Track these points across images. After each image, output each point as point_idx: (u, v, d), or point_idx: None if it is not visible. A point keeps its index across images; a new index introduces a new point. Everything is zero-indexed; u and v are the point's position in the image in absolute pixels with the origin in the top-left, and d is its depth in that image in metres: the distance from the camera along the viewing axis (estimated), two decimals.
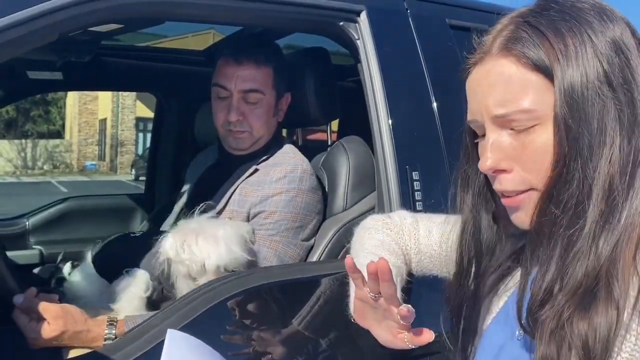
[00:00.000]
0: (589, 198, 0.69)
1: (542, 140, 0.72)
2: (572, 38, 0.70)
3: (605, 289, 0.67)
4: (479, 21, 1.71)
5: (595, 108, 0.69)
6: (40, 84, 2.41)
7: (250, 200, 1.55)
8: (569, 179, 0.69)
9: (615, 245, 0.68)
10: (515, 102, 0.72)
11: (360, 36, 1.50)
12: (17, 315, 1.24)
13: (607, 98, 0.69)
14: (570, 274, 0.69)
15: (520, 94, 0.72)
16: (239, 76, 1.61)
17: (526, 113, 0.72)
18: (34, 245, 2.70)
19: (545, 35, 0.71)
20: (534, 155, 0.73)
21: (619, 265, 0.67)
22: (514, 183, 0.76)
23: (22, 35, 1.05)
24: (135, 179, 20.38)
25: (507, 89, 0.73)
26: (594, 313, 0.67)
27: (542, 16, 0.73)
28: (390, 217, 1.16)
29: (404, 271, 1.07)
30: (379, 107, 1.47)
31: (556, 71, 0.70)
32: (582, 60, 0.70)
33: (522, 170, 0.75)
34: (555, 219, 0.71)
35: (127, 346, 1.06)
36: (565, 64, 0.70)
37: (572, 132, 0.69)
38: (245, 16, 1.50)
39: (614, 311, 0.66)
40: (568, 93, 0.69)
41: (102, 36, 1.78)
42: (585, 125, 0.69)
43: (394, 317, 0.85)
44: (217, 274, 1.35)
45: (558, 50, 0.70)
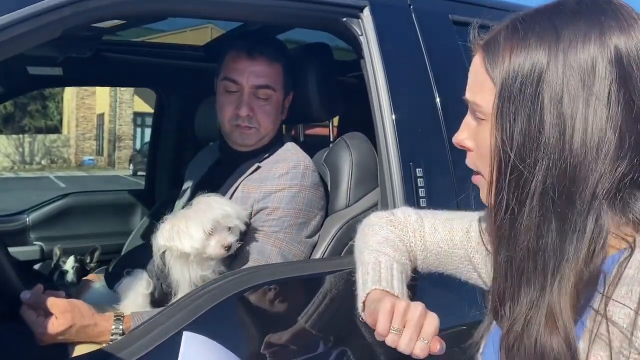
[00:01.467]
0: (523, 210, 0.72)
1: (485, 135, 0.77)
2: (530, 56, 0.71)
3: (550, 317, 0.70)
4: (482, 17, 1.72)
5: (521, 125, 0.71)
6: (40, 79, 2.40)
7: (253, 196, 1.54)
8: (503, 186, 0.74)
9: (554, 283, 0.70)
10: (473, 93, 0.79)
11: (364, 32, 1.49)
12: (24, 311, 1.24)
13: (534, 109, 0.70)
14: (514, 284, 0.74)
15: (477, 88, 0.78)
16: (251, 71, 1.60)
17: (478, 106, 0.78)
18: (34, 241, 2.70)
19: (508, 46, 0.73)
20: (482, 145, 0.79)
21: (559, 299, 0.69)
22: (470, 162, 0.85)
23: (27, 32, 1.05)
24: (133, 174, 20.35)
25: (473, 80, 0.80)
26: (548, 335, 0.70)
27: (522, 24, 0.74)
28: (394, 214, 1.15)
29: (408, 268, 1.07)
30: (382, 103, 1.47)
31: (496, 77, 0.74)
32: (512, 67, 0.72)
33: (475, 154, 0.83)
34: (500, 213, 0.75)
35: (132, 344, 1.06)
36: (502, 71, 0.73)
37: (504, 141, 0.72)
38: (247, 11, 1.50)
39: (562, 341, 0.69)
40: (499, 96, 0.73)
41: (104, 32, 1.78)
42: (515, 137, 0.71)
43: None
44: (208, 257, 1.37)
45: (505, 64, 0.73)
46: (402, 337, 0.84)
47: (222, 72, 1.65)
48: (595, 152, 0.67)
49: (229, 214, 1.41)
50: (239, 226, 1.43)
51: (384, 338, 0.86)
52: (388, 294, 0.97)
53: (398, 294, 0.97)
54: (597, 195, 0.68)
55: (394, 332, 0.85)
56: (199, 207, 1.42)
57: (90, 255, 2.14)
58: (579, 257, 0.68)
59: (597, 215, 0.68)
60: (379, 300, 0.93)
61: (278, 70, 1.64)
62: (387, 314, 0.85)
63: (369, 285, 0.99)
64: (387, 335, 0.85)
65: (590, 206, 0.68)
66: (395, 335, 0.85)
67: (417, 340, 0.84)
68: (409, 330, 0.84)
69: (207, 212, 1.39)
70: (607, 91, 0.67)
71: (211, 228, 1.37)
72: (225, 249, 1.38)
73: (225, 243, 1.38)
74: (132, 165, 21.64)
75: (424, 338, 0.84)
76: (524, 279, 0.73)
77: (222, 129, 1.70)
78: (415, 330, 0.84)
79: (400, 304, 0.86)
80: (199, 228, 1.36)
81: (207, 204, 1.43)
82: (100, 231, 2.83)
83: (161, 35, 2.82)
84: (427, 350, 0.84)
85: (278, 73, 1.64)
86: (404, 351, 0.84)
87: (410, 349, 0.84)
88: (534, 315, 0.71)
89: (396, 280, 1.00)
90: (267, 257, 1.46)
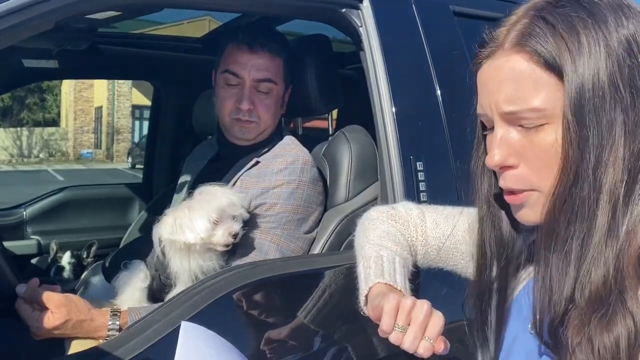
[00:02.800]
0: (597, 203, 0.68)
1: (551, 139, 0.71)
2: (587, 36, 0.68)
3: (619, 300, 0.67)
4: (483, 8, 1.70)
5: (605, 110, 0.67)
6: (36, 72, 2.38)
7: (251, 192, 1.53)
8: (580, 182, 0.68)
9: (619, 253, 0.67)
10: (525, 100, 0.71)
11: (363, 23, 1.47)
12: (19, 305, 1.23)
13: (616, 101, 0.67)
14: (586, 284, 0.68)
15: (531, 92, 0.71)
16: (253, 65, 1.58)
17: (536, 112, 0.71)
18: (31, 235, 2.69)
19: (559, 32, 0.69)
20: (542, 154, 0.72)
21: (625, 274, 0.67)
22: (518, 181, 0.75)
23: (17, 24, 1.03)
24: (131, 167, 20.34)
25: (518, 86, 0.72)
26: (613, 324, 0.66)
27: (556, 11, 0.71)
28: (395, 208, 1.14)
29: (410, 262, 1.06)
30: (382, 95, 1.45)
31: (567, 71, 0.69)
32: (594, 60, 0.68)
33: (528, 168, 0.74)
34: (566, 223, 0.70)
35: (129, 341, 1.05)
36: (576, 64, 0.68)
37: (581, 134, 0.68)
38: (245, 3, 1.48)
39: (630, 321, 0.65)
40: (578, 93, 0.68)
41: (99, 24, 1.75)
42: (594, 127, 0.67)
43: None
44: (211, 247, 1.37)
45: (571, 50, 0.68)
46: (406, 336, 0.82)
47: (222, 65, 1.63)
48: None
49: (234, 203, 1.40)
50: (242, 214, 1.42)
51: (388, 335, 0.85)
52: (391, 288, 0.95)
53: (401, 288, 0.96)
54: None
55: (398, 329, 0.83)
56: (203, 197, 1.41)
57: (87, 250, 2.13)
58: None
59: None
60: (382, 294, 0.92)
61: (279, 63, 1.62)
62: (392, 311, 0.84)
63: (372, 279, 0.97)
64: (391, 333, 0.84)
65: None
66: (399, 333, 0.83)
67: (422, 340, 0.82)
68: (413, 328, 0.82)
69: (212, 201, 1.39)
70: None
71: (217, 217, 1.36)
72: (233, 237, 1.38)
73: (232, 231, 1.38)
74: (131, 158, 21.62)
75: (428, 337, 0.82)
76: (595, 277, 0.68)
77: (221, 122, 1.67)
78: (419, 329, 0.82)
79: (406, 301, 0.84)
80: (204, 218, 1.36)
81: (212, 193, 1.42)
82: (98, 225, 2.82)
83: (158, 28, 2.80)
84: (431, 349, 0.82)
85: (279, 66, 1.62)
86: (407, 349, 0.83)
87: (414, 348, 0.82)
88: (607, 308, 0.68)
89: (399, 275, 0.98)
90: (265, 253, 1.45)
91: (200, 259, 1.40)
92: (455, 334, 1.40)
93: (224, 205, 1.38)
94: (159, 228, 1.41)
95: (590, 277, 0.68)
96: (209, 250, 1.41)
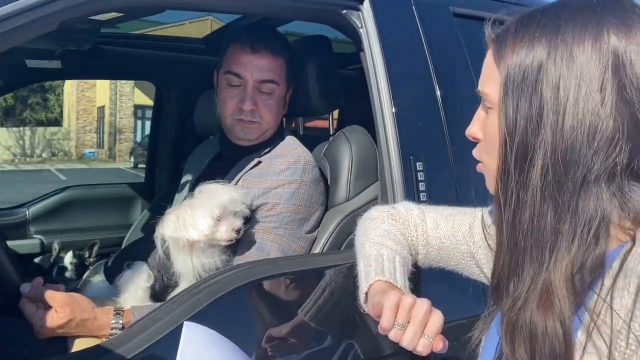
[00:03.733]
0: (526, 193, 0.75)
1: (493, 124, 0.80)
2: (532, 47, 0.75)
3: (545, 294, 0.72)
4: (483, 9, 1.70)
5: (524, 109, 0.75)
6: (38, 72, 2.39)
7: (253, 192, 1.53)
8: (509, 171, 0.76)
9: (551, 260, 0.73)
10: (483, 83, 0.83)
11: (364, 24, 1.48)
12: (23, 304, 1.24)
13: (534, 95, 0.74)
14: (517, 267, 0.76)
15: (486, 78, 0.83)
16: (255, 65, 1.59)
17: (486, 95, 0.82)
18: (34, 234, 2.70)
19: (512, 39, 0.78)
20: (490, 135, 0.82)
21: (554, 276, 0.72)
22: (477, 152, 0.89)
23: (22, 25, 1.04)
24: (134, 167, 20.35)
25: (484, 72, 0.84)
26: (542, 315, 0.72)
27: (529, 19, 0.78)
28: (395, 208, 1.15)
29: (409, 262, 1.07)
30: (382, 96, 1.46)
31: (502, 67, 0.78)
32: (525, 64, 0.75)
33: (484, 144, 0.86)
34: (503, 202, 0.78)
35: (131, 340, 1.06)
36: (507, 60, 0.77)
37: (508, 126, 0.76)
38: (247, 3, 1.49)
39: (557, 323, 0.70)
40: (504, 84, 0.77)
41: (102, 24, 1.76)
42: (519, 124, 0.75)
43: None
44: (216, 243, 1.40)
45: (509, 55, 0.77)
46: (406, 333, 0.84)
47: (225, 66, 1.63)
48: (587, 136, 0.71)
49: (235, 199, 1.41)
50: (244, 210, 1.43)
51: (388, 333, 0.86)
52: (391, 285, 0.96)
53: (401, 286, 0.97)
54: (588, 178, 0.71)
55: (398, 327, 0.84)
56: (204, 195, 1.43)
57: (89, 250, 2.14)
58: (574, 237, 0.72)
59: (591, 198, 0.71)
60: (382, 292, 0.93)
61: (281, 64, 1.63)
62: (393, 308, 0.85)
63: (372, 276, 0.98)
64: (391, 330, 0.85)
65: (581, 188, 0.71)
66: (398, 331, 0.84)
67: (421, 337, 0.83)
68: (413, 326, 0.84)
69: (214, 199, 1.40)
70: (600, 80, 0.71)
71: (219, 214, 1.37)
72: (236, 232, 1.40)
73: (235, 226, 1.39)
74: (133, 157, 21.62)
75: (427, 335, 0.83)
76: (526, 258, 0.75)
77: (223, 123, 1.68)
78: (419, 327, 0.83)
79: (407, 299, 0.85)
80: (207, 215, 1.37)
81: (212, 191, 1.43)
82: (100, 224, 2.83)
83: (160, 28, 2.81)
84: (430, 347, 0.84)
85: (281, 67, 1.63)
86: (406, 347, 0.84)
87: (413, 345, 0.83)
88: (532, 292, 0.74)
89: (399, 273, 1.00)
90: (266, 253, 1.46)
91: (203, 256, 1.41)
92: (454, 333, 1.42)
93: (226, 202, 1.39)
94: (162, 227, 1.42)
95: (520, 264, 0.76)
96: (211, 247, 1.42)
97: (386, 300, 0.86)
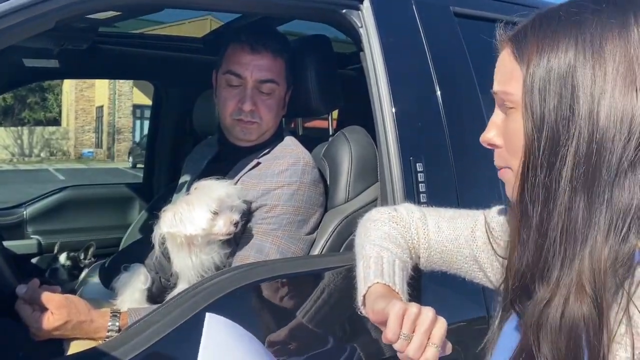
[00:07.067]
0: (557, 188, 0.74)
1: (518, 124, 0.79)
2: (557, 43, 0.75)
3: (579, 286, 0.71)
4: (484, 9, 1.69)
5: (553, 103, 0.74)
6: (36, 71, 2.38)
7: (252, 193, 1.52)
8: (536, 167, 0.75)
9: (583, 252, 0.72)
10: (502, 83, 0.82)
11: (364, 24, 1.47)
12: (19, 305, 1.23)
13: (564, 88, 0.74)
14: (544, 265, 0.75)
15: (506, 77, 0.81)
16: (255, 65, 1.58)
17: (507, 95, 0.81)
18: (31, 235, 2.69)
19: (535, 36, 0.78)
20: (512, 137, 0.81)
21: (587, 270, 0.71)
22: (499, 159, 0.86)
23: (18, 23, 1.03)
24: (132, 167, 20.35)
25: (501, 71, 0.83)
26: (575, 310, 0.70)
27: (551, 13, 0.78)
28: (397, 210, 1.14)
29: (409, 266, 1.05)
30: (382, 96, 1.44)
31: (524, 64, 0.78)
32: (551, 60, 0.75)
33: (505, 149, 0.84)
34: (530, 202, 0.77)
35: (128, 342, 1.05)
36: (536, 62, 0.76)
37: (535, 122, 0.75)
38: (246, 3, 1.48)
39: (592, 316, 0.69)
40: (530, 81, 0.76)
41: (99, 23, 1.75)
42: (547, 118, 0.74)
43: None
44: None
45: (534, 52, 0.77)
46: (412, 344, 0.82)
47: (224, 66, 1.62)
48: (621, 123, 0.71)
49: (231, 193, 1.41)
50: (240, 205, 1.42)
51: (393, 344, 0.84)
52: (390, 289, 0.95)
53: (399, 291, 0.96)
54: (623, 166, 0.71)
55: (403, 337, 0.83)
56: (200, 191, 1.42)
57: (84, 252, 2.13)
58: (609, 228, 0.71)
59: (625, 187, 0.71)
60: (382, 296, 0.92)
61: (281, 64, 1.62)
62: (398, 319, 0.83)
63: (371, 279, 0.97)
64: (397, 342, 0.84)
65: (616, 177, 0.71)
66: (404, 341, 0.83)
67: (427, 346, 0.82)
68: (418, 336, 0.82)
69: (210, 193, 1.39)
70: (631, 69, 0.72)
71: (217, 208, 1.37)
72: (234, 226, 1.39)
73: (233, 220, 1.38)
74: (132, 157, 21.64)
75: (434, 344, 0.82)
76: (556, 254, 0.74)
77: (222, 123, 1.67)
78: (425, 337, 0.82)
79: (412, 309, 0.83)
80: (204, 209, 1.36)
81: (208, 186, 1.43)
82: (98, 225, 2.82)
83: (159, 27, 2.79)
84: (437, 355, 0.82)
85: (281, 67, 1.62)
86: (412, 357, 0.83)
87: (418, 356, 0.82)
88: (563, 288, 0.73)
89: (397, 277, 0.98)
90: (265, 254, 1.44)
91: (202, 253, 1.40)
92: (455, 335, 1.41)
93: (223, 196, 1.39)
94: (159, 224, 1.40)
95: (548, 261, 0.75)
96: (209, 243, 1.41)
97: (391, 310, 0.85)
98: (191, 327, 1.08)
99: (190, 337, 1.04)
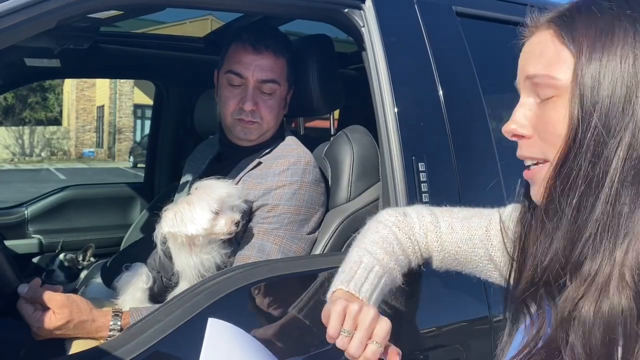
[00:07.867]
0: (602, 180, 0.70)
1: (559, 112, 0.75)
2: (612, 33, 0.72)
3: (618, 284, 0.68)
4: (486, 9, 1.69)
5: (609, 81, 0.71)
6: (38, 71, 2.38)
7: (253, 193, 1.52)
8: (579, 158, 0.71)
9: (623, 244, 0.69)
10: (544, 67, 0.77)
11: (366, 23, 1.47)
12: (21, 305, 1.23)
13: (623, 72, 0.71)
14: (578, 259, 0.72)
15: (549, 61, 0.76)
16: (257, 65, 1.58)
17: (550, 79, 0.76)
18: (33, 234, 2.69)
19: (586, 23, 0.74)
20: (550, 126, 0.76)
21: (628, 263, 0.68)
22: (531, 149, 0.80)
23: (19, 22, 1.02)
24: (133, 166, 20.35)
25: (542, 54, 0.78)
26: (614, 304, 0.68)
27: (597, 5, 0.75)
28: (406, 214, 1.12)
29: (396, 272, 1.04)
30: (384, 96, 1.44)
31: (583, 54, 0.73)
32: (610, 53, 0.71)
33: (539, 139, 0.78)
34: (563, 194, 0.73)
35: (130, 342, 1.05)
36: (586, 40, 0.73)
37: (585, 110, 0.71)
38: (248, 2, 1.47)
39: (630, 309, 0.66)
40: (584, 71, 0.72)
41: (101, 23, 1.75)
42: (599, 105, 0.71)
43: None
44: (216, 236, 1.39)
45: (588, 35, 0.73)
46: (353, 340, 0.83)
47: (225, 65, 1.62)
48: None
49: (232, 193, 1.41)
50: (241, 205, 1.42)
51: (335, 340, 0.85)
52: (352, 297, 0.94)
53: (363, 298, 0.94)
54: None
55: (345, 334, 0.84)
56: (201, 191, 1.42)
57: (83, 254, 2.13)
58: None
59: None
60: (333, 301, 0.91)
61: (283, 64, 1.62)
62: (339, 315, 0.84)
63: (337, 284, 0.97)
64: (338, 338, 0.84)
65: None
66: (345, 338, 0.84)
67: (369, 344, 0.82)
68: (359, 332, 0.83)
69: (211, 193, 1.39)
70: None
71: (217, 207, 1.37)
72: (235, 226, 1.39)
73: (234, 219, 1.38)
74: (132, 157, 21.63)
75: (375, 341, 0.82)
76: (594, 250, 0.71)
77: (224, 122, 1.67)
78: (366, 333, 0.82)
79: (353, 306, 0.84)
80: (205, 209, 1.36)
81: (209, 186, 1.43)
82: (99, 224, 2.82)
83: (160, 27, 2.79)
84: (379, 353, 0.82)
85: (283, 67, 1.62)
86: (353, 354, 0.83)
87: (360, 352, 0.82)
88: (601, 280, 0.70)
89: (367, 284, 0.97)
90: (267, 254, 1.44)
91: (203, 252, 1.41)
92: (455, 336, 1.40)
93: (224, 195, 1.39)
94: (160, 225, 1.40)
95: (582, 255, 0.71)
96: (211, 243, 1.41)
97: (333, 308, 0.85)
98: (193, 326, 1.08)
99: (192, 336, 1.04)
